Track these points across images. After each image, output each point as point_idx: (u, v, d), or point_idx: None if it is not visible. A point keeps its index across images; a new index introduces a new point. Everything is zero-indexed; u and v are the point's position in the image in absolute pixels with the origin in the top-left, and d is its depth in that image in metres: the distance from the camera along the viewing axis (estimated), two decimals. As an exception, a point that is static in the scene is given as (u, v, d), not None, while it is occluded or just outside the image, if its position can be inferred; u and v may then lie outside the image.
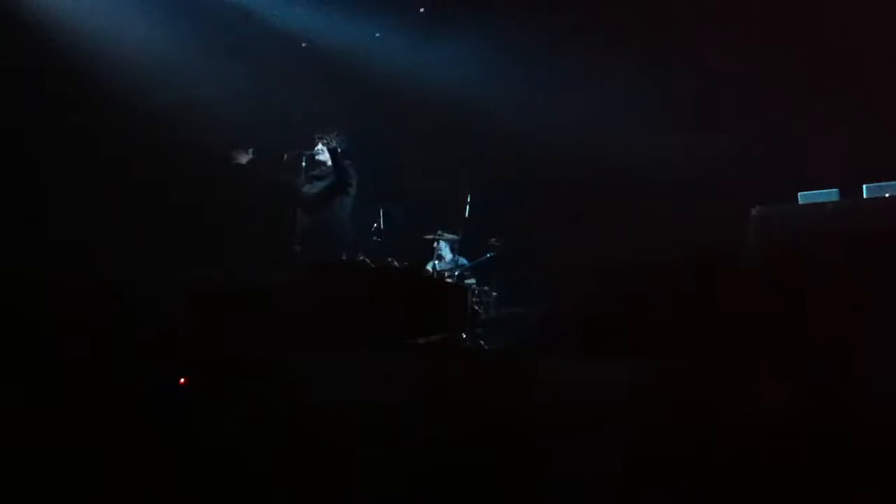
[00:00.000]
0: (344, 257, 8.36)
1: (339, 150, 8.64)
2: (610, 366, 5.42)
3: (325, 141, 8.69)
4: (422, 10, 10.01)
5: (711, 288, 6.74)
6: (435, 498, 4.07)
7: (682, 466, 3.90)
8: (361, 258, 8.60)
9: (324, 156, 8.73)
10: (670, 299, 6.49)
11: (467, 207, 9.44)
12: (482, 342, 8.72)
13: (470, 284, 9.36)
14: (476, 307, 9.12)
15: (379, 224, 9.14)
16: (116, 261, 8.18)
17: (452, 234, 9.68)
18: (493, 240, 9.66)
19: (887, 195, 7.78)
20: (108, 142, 9.10)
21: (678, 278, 7.04)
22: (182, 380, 4.86)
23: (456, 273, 9.52)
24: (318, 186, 8.69)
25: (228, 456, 4.06)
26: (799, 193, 8.04)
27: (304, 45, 10.18)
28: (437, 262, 9.66)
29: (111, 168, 9.03)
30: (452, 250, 9.77)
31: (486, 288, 9.45)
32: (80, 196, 8.74)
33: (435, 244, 9.68)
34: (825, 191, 7.99)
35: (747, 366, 4.78)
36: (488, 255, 9.63)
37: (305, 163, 8.75)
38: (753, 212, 7.96)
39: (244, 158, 8.38)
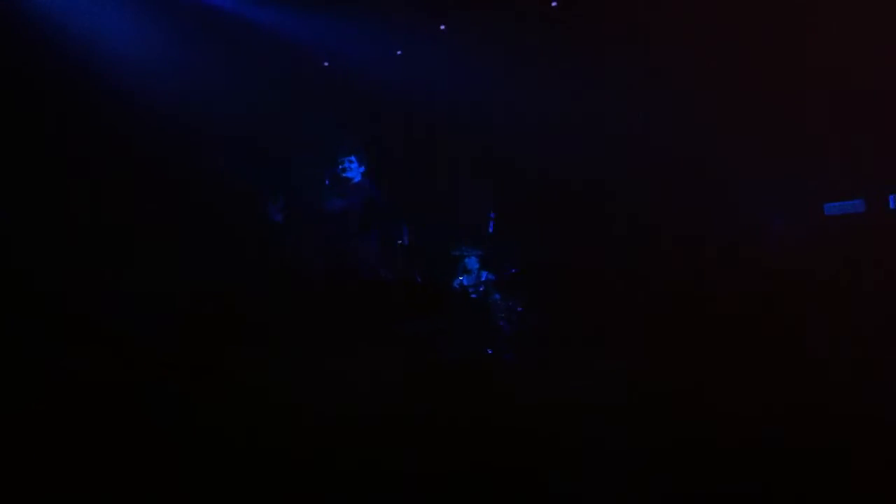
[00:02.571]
0: (367, 274, 8.37)
1: (363, 169, 8.70)
2: (620, 373, 5.41)
3: (349, 159, 8.75)
4: (442, 27, 10.04)
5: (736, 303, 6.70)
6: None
7: (683, 470, 3.89)
8: (386, 274, 8.63)
9: (349, 173, 8.78)
10: (690, 310, 6.46)
11: (491, 223, 9.46)
12: (507, 356, 8.71)
13: (495, 300, 9.36)
14: (501, 322, 9.13)
15: (403, 240, 9.16)
16: (124, 266, 8.28)
17: (477, 249, 9.68)
18: (518, 254, 9.68)
19: (914, 204, 7.71)
20: (132, 160, 9.22)
21: (699, 292, 7.01)
22: None
23: (481, 289, 9.51)
24: (343, 204, 8.72)
25: (221, 461, 4.07)
26: (825, 204, 7.98)
27: (325, 64, 10.28)
28: (462, 277, 9.67)
29: (128, 180, 9.14)
30: (477, 266, 9.77)
31: (510, 303, 9.44)
32: (88, 201, 8.84)
33: (460, 260, 9.69)
34: (851, 201, 7.93)
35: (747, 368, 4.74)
36: (513, 270, 9.62)
37: (328, 181, 8.79)
38: (777, 222, 7.92)
39: (278, 209, 8.48)
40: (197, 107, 9.28)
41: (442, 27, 10.04)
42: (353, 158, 8.73)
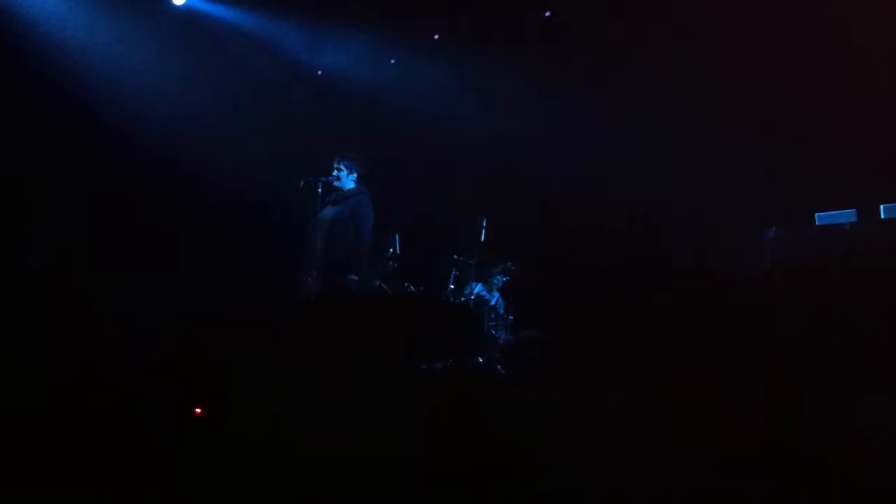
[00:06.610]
0: (358, 282, 8.35)
1: (354, 176, 8.69)
2: (621, 391, 5.40)
3: (339, 167, 8.73)
4: (436, 36, 10.07)
5: (724, 310, 6.69)
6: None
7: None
8: (377, 283, 8.63)
9: (340, 182, 8.76)
10: (684, 322, 6.46)
11: (483, 231, 9.43)
12: (498, 367, 8.72)
13: (486, 308, 9.37)
14: (492, 331, 9.14)
15: (395, 249, 9.14)
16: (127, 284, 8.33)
17: (469, 258, 9.66)
18: (509, 263, 9.71)
19: (905, 215, 7.70)
20: (130, 172, 9.27)
21: (690, 301, 7.00)
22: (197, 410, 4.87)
23: (472, 297, 9.52)
24: (334, 212, 8.69)
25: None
26: (816, 214, 7.97)
27: (319, 73, 10.31)
28: (454, 286, 9.66)
29: (130, 196, 9.20)
30: (469, 275, 9.77)
31: (502, 312, 9.46)
32: (98, 218, 8.90)
33: (453, 269, 9.68)
34: (843, 211, 7.91)
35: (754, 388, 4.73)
36: (503, 278, 9.64)
37: (322, 189, 8.76)
38: (769, 233, 7.91)
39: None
40: (188, 117, 9.33)
41: (436, 36, 10.07)
42: (342, 167, 8.72)
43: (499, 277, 9.75)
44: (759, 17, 8.72)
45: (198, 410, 4.85)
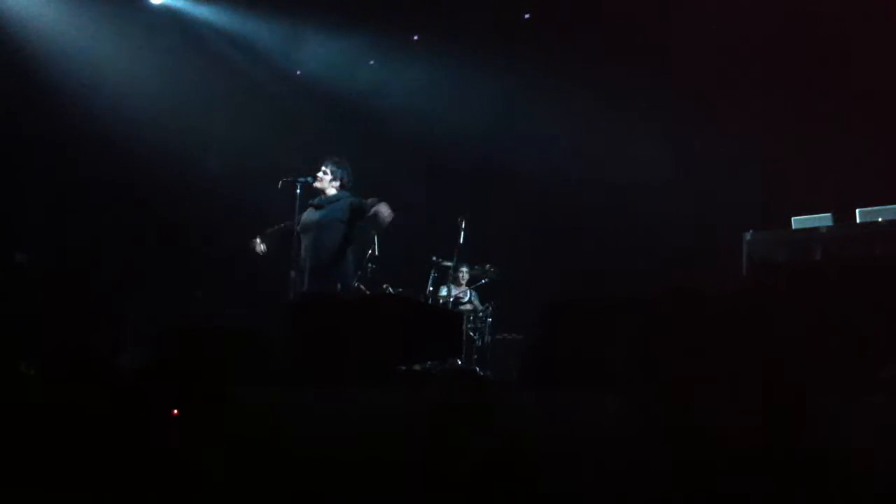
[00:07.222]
0: (339, 286, 8.29)
1: (336, 181, 8.62)
2: (600, 395, 5.41)
3: (326, 171, 8.63)
4: (416, 38, 10.09)
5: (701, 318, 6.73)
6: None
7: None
8: (356, 285, 8.59)
9: (321, 185, 8.66)
10: (661, 328, 6.47)
11: (462, 233, 9.41)
12: (477, 368, 8.73)
13: (465, 310, 9.38)
14: (471, 333, 9.15)
15: (373, 251, 9.11)
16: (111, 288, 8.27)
17: (448, 259, 9.65)
18: (489, 266, 9.72)
19: (880, 219, 7.81)
20: (106, 173, 9.20)
21: (669, 307, 7.04)
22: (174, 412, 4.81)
23: (450, 299, 9.53)
24: (321, 215, 8.58)
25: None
26: (792, 218, 8.07)
27: (297, 72, 10.27)
28: (433, 287, 9.67)
29: (111, 198, 9.14)
30: (447, 277, 9.78)
31: (480, 314, 9.47)
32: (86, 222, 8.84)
33: (431, 270, 9.68)
34: (819, 215, 8.01)
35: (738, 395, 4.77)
36: (483, 281, 9.65)
37: (300, 190, 8.65)
38: (746, 236, 7.99)
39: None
40: (177, 118, 9.29)
41: (415, 38, 10.09)
42: (328, 171, 8.63)
43: (469, 277, 9.78)
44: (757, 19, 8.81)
45: (175, 412, 4.79)
